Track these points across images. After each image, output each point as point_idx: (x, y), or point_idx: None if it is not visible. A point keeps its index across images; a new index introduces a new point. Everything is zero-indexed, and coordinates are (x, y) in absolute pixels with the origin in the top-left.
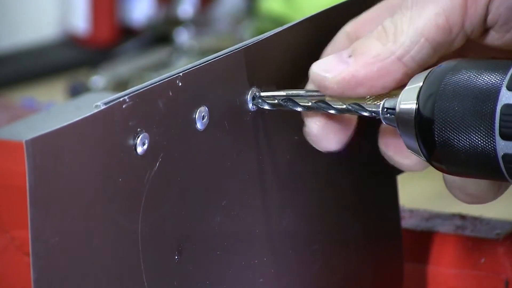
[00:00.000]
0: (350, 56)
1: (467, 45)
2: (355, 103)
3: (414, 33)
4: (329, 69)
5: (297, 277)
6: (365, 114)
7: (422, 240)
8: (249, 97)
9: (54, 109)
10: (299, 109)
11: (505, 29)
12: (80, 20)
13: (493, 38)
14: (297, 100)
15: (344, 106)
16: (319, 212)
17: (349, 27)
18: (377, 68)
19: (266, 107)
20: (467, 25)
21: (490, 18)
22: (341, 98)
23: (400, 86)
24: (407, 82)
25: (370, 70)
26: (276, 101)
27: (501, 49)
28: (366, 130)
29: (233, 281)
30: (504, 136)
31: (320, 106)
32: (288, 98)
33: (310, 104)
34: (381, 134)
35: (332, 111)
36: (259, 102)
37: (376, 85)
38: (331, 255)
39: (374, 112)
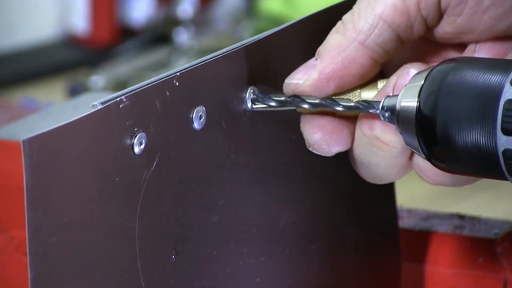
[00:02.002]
0: (316, 59)
1: (427, 36)
2: (356, 102)
3: (372, 17)
4: (300, 77)
5: (295, 277)
6: (364, 112)
7: (420, 239)
8: (246, 96)
9: (53, 109)
10: (306, 105)
11: (457, 11)
12: (80, 20)
13: (446, 23)
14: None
15: (342, 104)
16: (317, 212)
17: None
18: (341, 58)
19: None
20: (422, 6)
21: None
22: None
23: (373, 74)
24: (377, 69)
25: (336, 62)
26: (274, 103)
27: (453, 37)
28: None
29: (230, 281)
30: (506, 131)
31: (322, 103)
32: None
33: (317, 101)
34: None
35: (339, 108)
36: (257, 101)
37: (346, 75)
38: (328, 255)
39: (373, 110)
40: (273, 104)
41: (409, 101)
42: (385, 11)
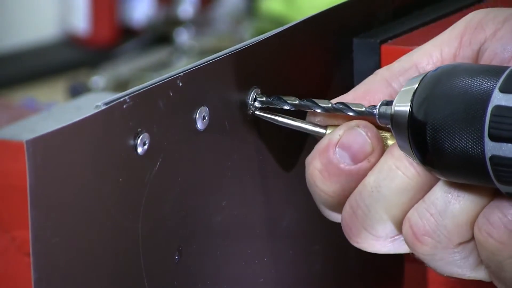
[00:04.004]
0: None
1: None
2: (352, 104)
3: (407, 61)
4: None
5: (298, 277)
6: (361, 115)
7: None
8: (250, 97)
9: (55, 110)
10: (318, 109)
11: None
12: (80, 20)
13: None
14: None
15: (353, 109)
16: (320, 212)
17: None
18: (364, 89)
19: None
20: (458, 60)
21: (486, 56)
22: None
23: None
24: None
25: (357, 91)
26: (287, 106)
27: None
28: None
29: (233, 281)
30: (492, 137)
31: (334, 107)
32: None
33: (329, 105)
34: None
35: (350, 112)
36: (268, 103)
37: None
38: (331, 255)
39: (371, 113)
40: (286, 107)
41: (402, 106)
42: (420, 58)
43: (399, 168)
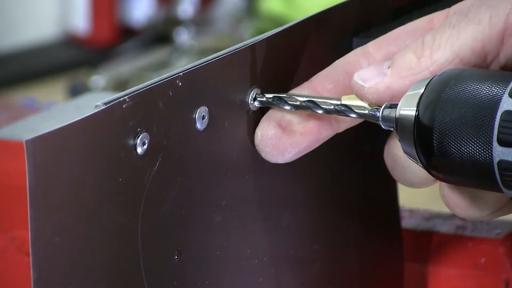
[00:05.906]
0: (388, 67)
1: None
2: (354, 106)
3: (449, 52)
4: (368, 79)
5: (297, 277)
6: (365, 118)
7: (423, 240)
8: (249, 97)
9: (55, 109)
10: (320, 110)
11: None
12: (80, 20)
13: None
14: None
15: (356, 112)
16: (320, 212)
17: (371, 47)
18: (409, 82)
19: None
20: (501, 56)
21: None
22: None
23: None
24: None
25: (403, 83)
26: (287, 107)
27: None
28: (365, 130)
29: (233, 281)
30: (502, 142)
31: (335, 110)
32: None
33: (331, 107)
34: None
35: (353, 115)
36: (268, 103)
37: None
38: (331, 255)
39: (374, 116)
40: (287, 107)
41: (408, 110)
42: (463, 50)
43: None
